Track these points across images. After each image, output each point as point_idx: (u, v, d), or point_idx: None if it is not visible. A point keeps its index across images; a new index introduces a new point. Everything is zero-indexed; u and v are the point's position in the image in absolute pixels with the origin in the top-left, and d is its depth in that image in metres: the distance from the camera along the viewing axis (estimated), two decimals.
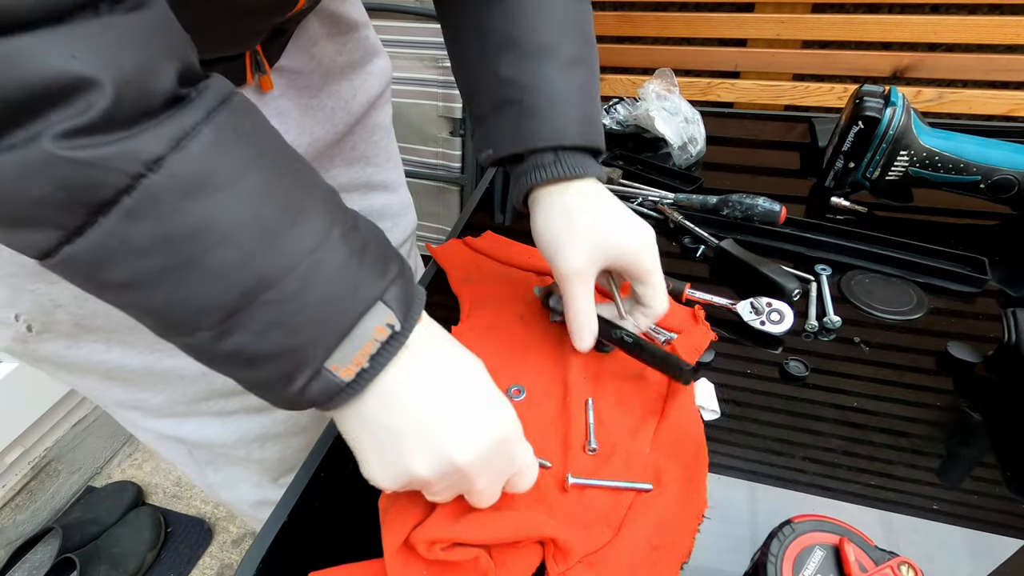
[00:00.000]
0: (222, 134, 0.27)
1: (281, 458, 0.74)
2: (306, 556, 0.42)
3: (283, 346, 0.30)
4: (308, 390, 0.31)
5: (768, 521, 0.39)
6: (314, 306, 0.30)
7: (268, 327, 0.29)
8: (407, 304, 0.33)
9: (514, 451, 0.37)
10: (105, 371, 0.54)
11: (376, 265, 0.32)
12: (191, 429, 0.64)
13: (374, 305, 0.31)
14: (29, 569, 1.14)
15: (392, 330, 0.32)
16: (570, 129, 0.45)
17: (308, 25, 0.56)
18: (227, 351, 0.30)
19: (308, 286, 0.29)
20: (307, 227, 0.29)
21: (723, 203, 0.68)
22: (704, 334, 0.54)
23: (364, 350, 0.31)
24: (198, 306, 0.28)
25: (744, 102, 1.26)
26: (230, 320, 0.29)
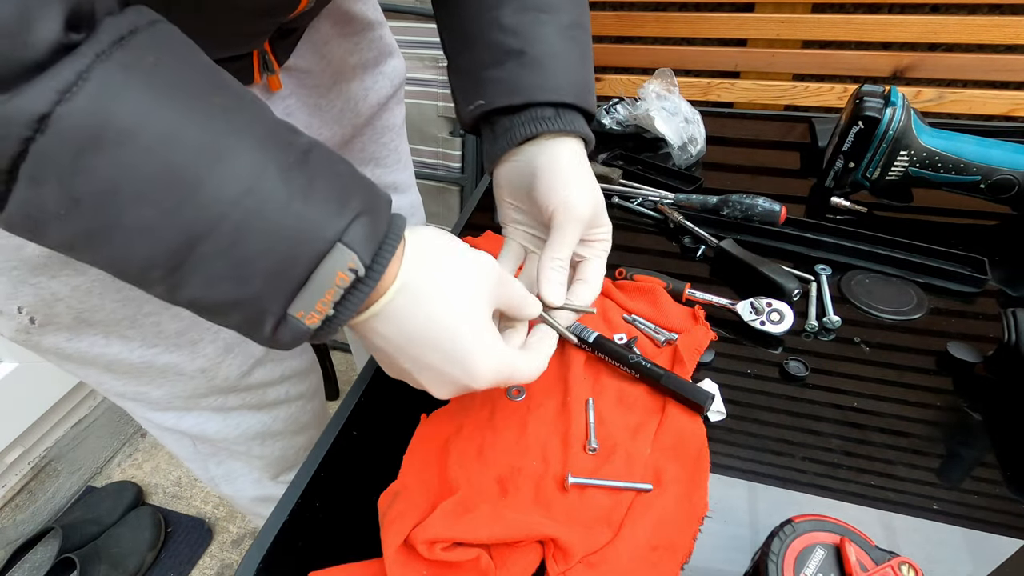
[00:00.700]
0: (113, 78, 0.24)
1: (282, 456, 0.74)
2: (306, 556, 0.42)
3: (237, 296, 0.29)
4: (279, 335, 0.30)
5: (769, 521, 0.39)
6: (257, 254, 0.28)
7: (214, 279, 0.28)
8: (375, 243, 0.31)
9: (504, 382, 0.38)
10: (106, 364, 0.54)
11: (331, 203, 0.29)
12: (192, 423, 0.64)
13: (332, 248, 0.29)
14: (29, 569, 1.14)
15: (355, 275, 0.30)
16: (570, 88, 0.45)
17: (320, 24, 0.56)
18: (185, 302, 0.29)
19: (244, 235, 0.27)
20: (232, 171, 0.27)
21: (723, 203, 0.68)
22: (704, 334, 0.54)
23: (326, 298, 0.30)
24: (136, 264, 0.27)
25: (744, 102, 1.25)
26: (175, 275, 0.28)
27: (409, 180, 0.78)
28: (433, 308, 0.35)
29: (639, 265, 0.62)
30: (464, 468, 0.44)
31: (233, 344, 0.59)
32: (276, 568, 0.42)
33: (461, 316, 0.36)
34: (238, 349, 0.60)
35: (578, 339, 0.51)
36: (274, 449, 0.72)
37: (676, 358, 0.52)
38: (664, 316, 0.56)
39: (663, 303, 0.57)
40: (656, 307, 0.57)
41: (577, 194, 0.44)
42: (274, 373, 0.66)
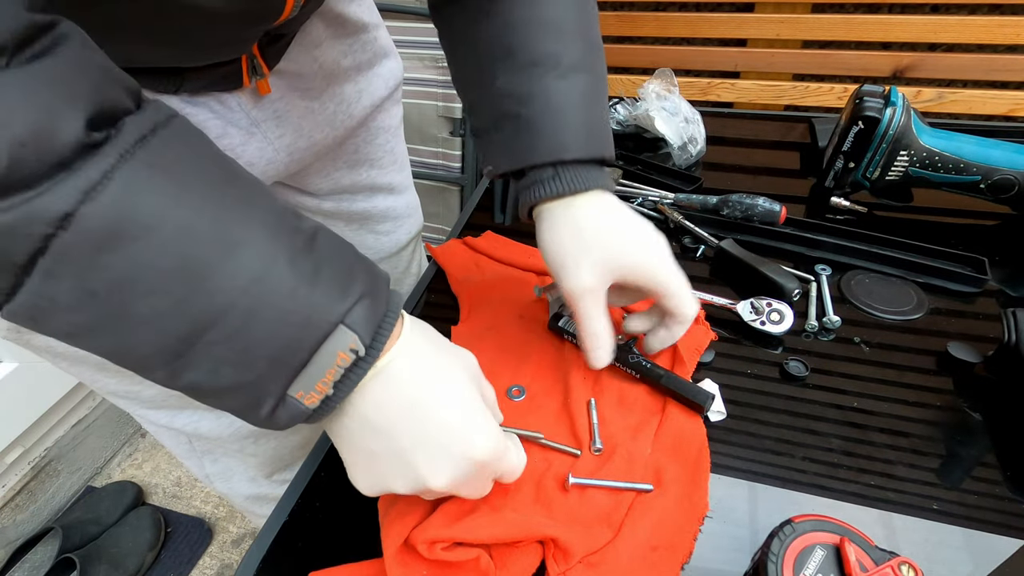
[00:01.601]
0: (135, 177, 0.25)
1: (276, 455, 0.74)
2: (306, 556, 0.42)
3: (238, 381, 0.29)
4: (276, 416, 0.31)
5: (768, 521, 0.39)
6: (263, 340, 0.28)
7: (218, 365, 0.28)
8: (374, 323, 0.31)
9: (493, 471, 0.37)
10: (97, 362, 0.54)
11: (334, 287, 0.30)
12: (185, 421, 0.64)
13: (334, 330, 0.30)
14: (29, 569, 1.14)
15: (356, 355, 0.31)
16: (570, 142, 0.43)
17: (311, 27, 0.56)
18: (185, 387, 0.30)
19: (252, 321, 0.28)
20: (242, 261, 0.28)
21: (723, 203, 0.68)
22: (704, 334, 0.54)
23: (326, 378, 0.30)
24: (140, 352, 0.28)
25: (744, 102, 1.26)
26: (178, 362, 0.28)
27: (406, 181, 0.78)
28: (438, 368, 0.35)
29: None
30: None
31: None
32: (276, 568, 0.42)
33: (464, 381, 0.36)
34: None
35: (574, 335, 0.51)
36: (267, 448, 0.72)
37: (676, 358, 0.52)
38: None
39: None
40: None
41: (576, 271, 0.43)
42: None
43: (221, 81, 0.49)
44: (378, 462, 0.35)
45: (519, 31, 0.44)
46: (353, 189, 0.70)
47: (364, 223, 0.74)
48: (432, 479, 0.34)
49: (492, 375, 0.52)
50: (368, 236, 0.75)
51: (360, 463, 0.35)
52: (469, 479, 0.35)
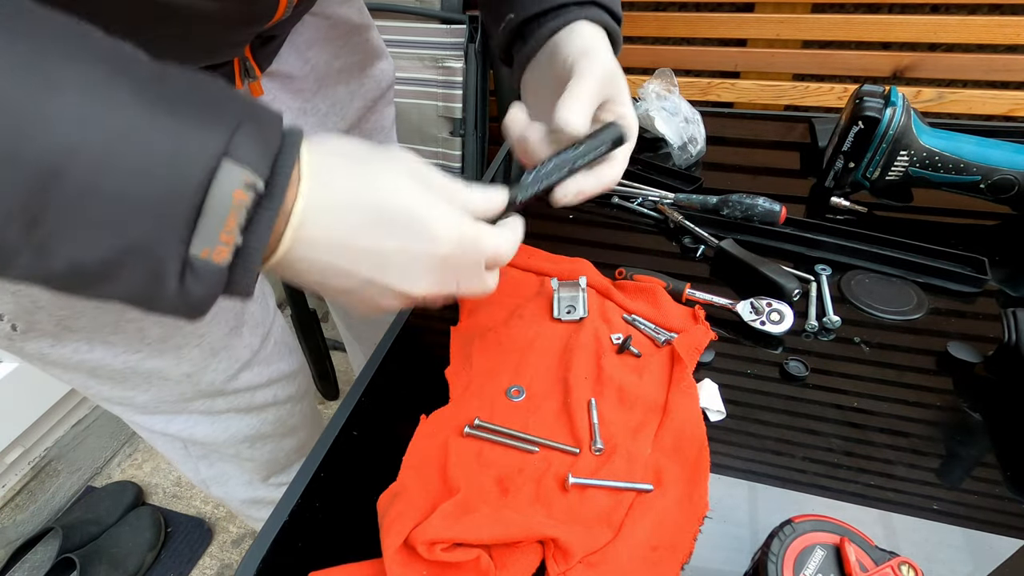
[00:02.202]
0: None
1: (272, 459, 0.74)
2: (306, 556, 0.42)
3: (122, 245, 0.25)
4: (188, 287, 0.27)
5: (768, 521, 0.39)
6: (130, 186, 0.24)
7: (88, 228, 0.24)
8: (269, 153, 0.27)
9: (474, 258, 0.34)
10: (89, 369, 0.54)
11: (204, 114, 0.26)
12: (180, 427, 0.64)
13: (218, 166, 0.25)
14: (29, 569, 1.14)
15: (255, 191, 0.26)
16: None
17: (303, 29, 0.56)
18: (65, 270, 0.25)
19: (108, 165, 0.24)
20: (73, 94, 0.23)
21: (723, 203, 0.68)
22: (704, 334, 0.54)
23: (228, 225, 0.26)
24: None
25: (744, 102, 1.25)
26: (37, 231, 0.24)
27: None
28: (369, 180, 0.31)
29: (639, 265, 0.62)
30: (464, 468, 0.44)
31: (218, 348, 0.59)
32: (276, 568, 0.42)
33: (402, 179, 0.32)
34: (223, 353, 0.60)
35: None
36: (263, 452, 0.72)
37: (675, 358, 0.52)
38: (664, 316, 0.56)
39: (663, 303, 0.57)
40: (656, 307, 0.57)
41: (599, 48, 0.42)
42: (261, 376, 0.66)
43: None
44: (356, 294, 0.32)
45: None
46: None
47: None
48: (413, 288, 0.32)
49: (492, 375, 0.52)
50: None
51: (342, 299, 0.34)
52: (451, 273, 0.33)
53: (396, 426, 0.49)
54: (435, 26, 1.30)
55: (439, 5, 1.28)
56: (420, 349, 0.59)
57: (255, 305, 0.63)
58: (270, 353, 0.66)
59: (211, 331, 0.58)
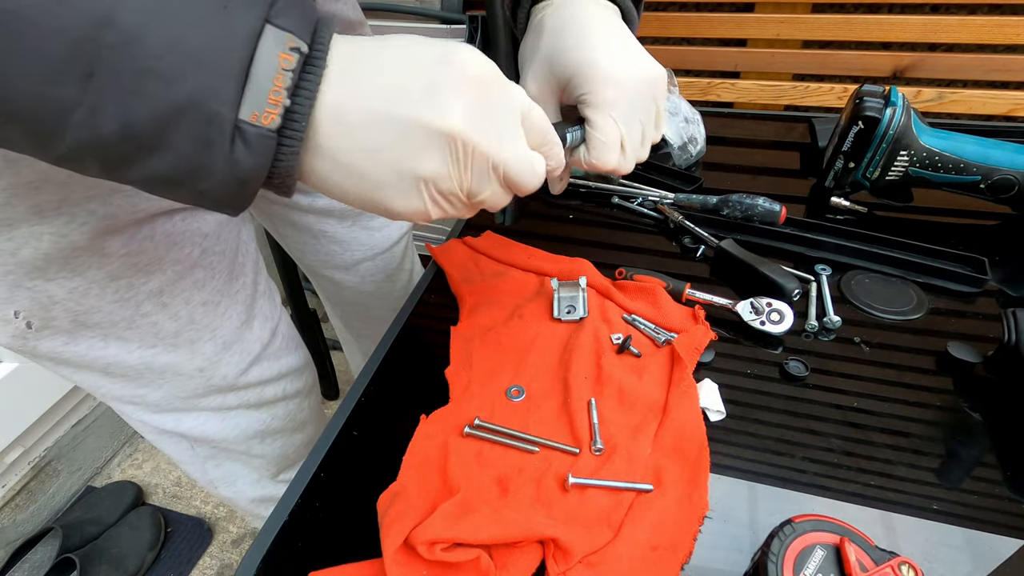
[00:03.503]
0: None
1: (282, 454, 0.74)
2: (306, 556, 0.42)
3: (171, 101, 0.25)
4: (237, 154, 0.27)
5: (768, 521, 0.39)
6: (176, 36, 0.25)
7: (137, 79, 0.25)
8: (309, 22, 0.28)
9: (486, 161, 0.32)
10: (103, 367, 0.54)
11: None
12: (191, 424, 0.64)
13: (262, 30, 0.26)
14: (29, 569, 1.14)
15: (299, 54, 0.27)
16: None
17: None
18: (116, 132, 0.25)
19: (153, 10, 0.24)
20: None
21: (723, 203, 0.68)
22: (704, 334, 0.54)
23: (275, 86, 0.27)
24: (40, 80, 0.24)
25: (744, 102, 1.25)
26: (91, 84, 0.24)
27: None
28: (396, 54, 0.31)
29: (639, 265, 0.62)
30: (464, 468, 0.44)
31: (231, 342, 0.60)
32: (276, 568, 0.42)
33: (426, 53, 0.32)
34: (236, 347, 0.60)
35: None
36: (274, 447, 0.72)
37: (675, 358, 0.52)
38: (664, 316, 0.56)
39: (663, 303, 0.57)
40: (656, 307, 0.57)
41: (607, 54, 0.38)
42: (271, 371, 0.66)
43: None
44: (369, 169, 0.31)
45: None
46: None
47: (357, 219, 0.74)
48: (420, 164, 0.31)
49: (492, 375, 0.52)
50: (361, 232, 0.76)
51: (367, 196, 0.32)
52: (461, 163, 0.31)
53: (396, 426, 0.49)
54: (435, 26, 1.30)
55: (439, 5, 1.28)
56: (420, 349, 0.59)
57: (263, 299, 0.64)
58: (279, 347, 0.66)
59: (224, 324, 0.58)
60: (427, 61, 0.31)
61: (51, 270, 0.46)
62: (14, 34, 0.23)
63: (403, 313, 0.62)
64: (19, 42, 0.23)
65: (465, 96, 0.31)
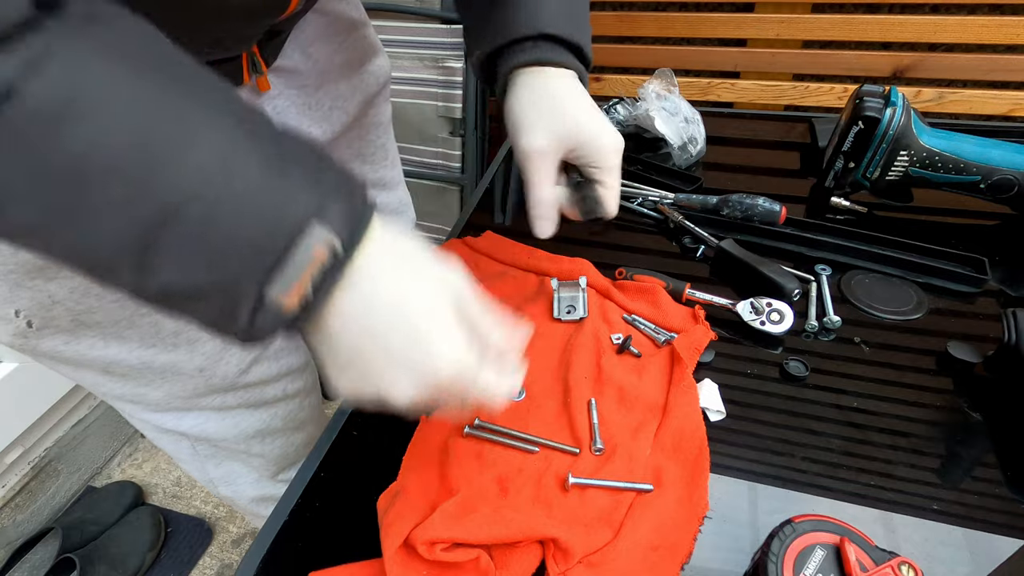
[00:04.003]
0: (84, 52, 0.24)
1: (282, 454, 0.74)
2: (306, 556, 0.42)
3: (212, 280, 0.27)
4: (256, 323, 0.29)
5: (769, 521, 0.39)
6: (232, 230, 0.27)
7: (189, 260, 0.27)
8: (353, 221, 0.30)
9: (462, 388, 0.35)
10: (103, 366, 0.54)
11: (307, 178, 0.29)
12: (192, 423, 0.64)
13: (308, 224, 0.28)
14: (29, 569, 1.14)
15: (334, 253, 0.29)
16: (552, 21, 0.46)
17: (306, 25, 0.57)
18: (156, 291, 0.28)
19: (218, 210, 0.26)
20: (204, 145, 0.26)
21: (723, 203, 0.68)
22: (704, 334, 0.54)
23: (304, 277, 0.28)
24: (104, 247, 0.26)
25: (744, 102, 1.25)
26: (145, 257, 0.26)
27: (397, 177, 0.79)
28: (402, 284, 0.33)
29: (639, 265, 0.62)
30: (464, 468, 0.44)
31: None
32: (276, 568, 0.42)
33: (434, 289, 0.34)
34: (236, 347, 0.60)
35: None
36: (274, 447, 0.72)
37: (675, 358, 0.52)
38: (664, 316, 0.56)
39: (663, 303, 0.57)
40: (656, 307, 0.57)
41: (532, 131, 0.45)
42: (271, 370, 0.66)
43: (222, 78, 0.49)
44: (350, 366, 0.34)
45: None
46: None
47: None
48: (396, 395, 0.33)
49: None
50: None
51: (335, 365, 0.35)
52: (434, 392, 0.34)
53: (396, 426, 0.49)
54: (435, 26, 1.30)
55: (439, 5, 1.28)
56: None
57: None
58: (279, 347, 0.66)
59: None
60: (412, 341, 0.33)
61: (51, 270, 0.46)
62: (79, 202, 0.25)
63: None
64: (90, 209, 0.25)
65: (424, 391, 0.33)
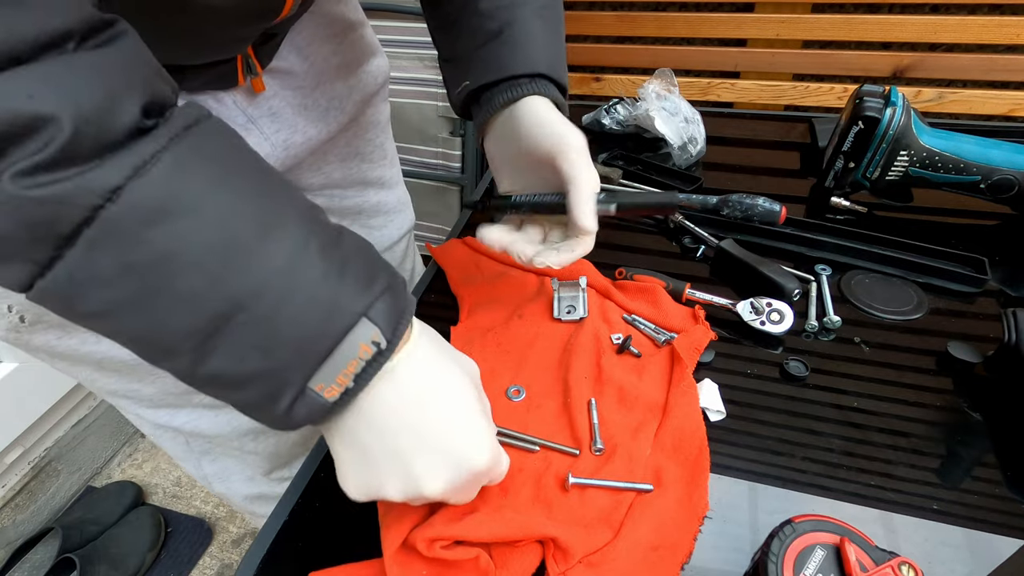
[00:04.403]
0: (183, 158, 0.27)
1: (275, 452, 0.74)
2: (306, 556, 0.42)
3: (263, 368, 0.29)
4: (294, 411, 0.31)
5: (769, 521, 0.39)
6: (291, 325, 0.29)
7: (245, 349, 0.29)
8: (395, 319, 0.32)
9: (485, 479, 0.37)
10: (96, 361, 0.55)
11: (360, 279, 0.31)
12: (185, 419, 0.64)
13: (358, 322, 0.30)
14: (29, 569, 1.14)
15: (378, 348, 0.31)
16: (544, 61, 0.49)
17: (302, 27, 0.57)
18: (208, 375, 0.30)
19: (283, 305, 0.29)
20: (277, 246, 0.29)
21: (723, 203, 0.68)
22: (704, 334, 0.54)
23: (348, 369, 0.31)
24: (173, 332, 0.28)
25: (744, 102, 1.25)
26: (207, 344, 0.28)
27: (396, 176, 0.79)
28: (444, 372, 0.36)
29: (639, 265, 0.62)
30: None
31: None
32: (276, 568, 0.42)
33: (468, 387, 0.37)
34: None
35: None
36: (267, 445, 0.72)
37: (675, 358, 0.52)
38: (664, 316, 0.56)
39: (663, 303, 0.57)
40: (656, 307, 0.57)
41: (568, 128, 0.47)
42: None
43: (218, 80, 0.50)
44: (373, 463, 0.35)
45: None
46: (344, 183, 0.70)
47: (356, 218, 0.74)
48: (428, 484, 0.34)
49: (492, 375, 0.52)
50: (360, 231, 0.76)
51: (354, 463, 0.35)
52: (463, 486, 0.35)
53: None
54: None
55: None
56: None
57: None
58: None
59: None
60: (451, 441, 0.35)
61: None
62: (160, 290, 0.27)
63: None
64: (167, 299, 0.27)
65: (461, 480, 0.35)
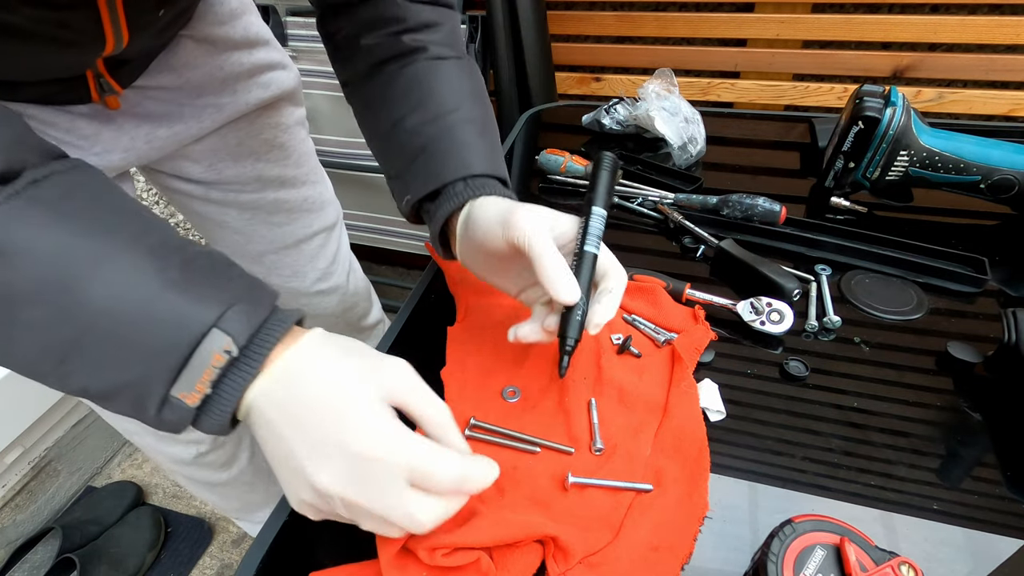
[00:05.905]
0: (16, 209, 0.31)
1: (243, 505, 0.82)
2: (306, 556, 0.42)
3: (123, 381, 0.32)
4: (163, 416, 0.34)
5: (769, 521, 0.39)
6: (137, 342, 0.32)
7: (101, 366, 0.32)
8: (252, 327, 0.34)
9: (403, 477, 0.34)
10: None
11: (205, 295, 0.33)
12: None
13: (208, 332, 0.32)
14: (29, 569, 1.14)
15: (229, 356, 0.33)
16: (477, 161, 0.49)
17: (178, 49, 0.57)
18: (76, 389, 0.34)
19: (123, 325, 0.32)
20: (112, 275, 0.32)
21: (723, 203, 0.68)
22: (704, 334, 0.54)
23: (204, 377, 0.33)
24: (29, 357, 0.33)
25: (744, 102, 1.25)
26: (65, 365, 0.32)
27: (304, 176, 0.77)
28: (325, 374, 0.35)
29: (639, 265, 0.62)
30: None
31: None
32: (276, 568, 0.42)
33: (352, 383, 0.36)
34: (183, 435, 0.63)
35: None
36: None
37: (675, 358, 0.52)
38: (664, 316, 0.56)
39: (663, 303, 0.57)
40: (656, 307, 0.57)
41: (520, 214, 0.44)
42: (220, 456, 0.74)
43: (62, 94, 0.50)
44: (280, 466, 0.36)
45: (424, 89, 0.51)
46: (239, 180, 0.71)
47: (255, 213, 0.75)
48: (319, 477, 0.34)
49: (488, 376, 0.52)
50: (261, 226, 0.76)
51: (278, 471, 0.36)
52: (361, 481, 0.34)
53: None
54: None
55: None
56: (416, 350, 0.59)
57: None
58: None
59: None
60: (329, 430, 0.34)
61: None
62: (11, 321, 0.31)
63: (402, 313, 0.62)
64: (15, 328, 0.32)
65: (349, 473, 0.34)
